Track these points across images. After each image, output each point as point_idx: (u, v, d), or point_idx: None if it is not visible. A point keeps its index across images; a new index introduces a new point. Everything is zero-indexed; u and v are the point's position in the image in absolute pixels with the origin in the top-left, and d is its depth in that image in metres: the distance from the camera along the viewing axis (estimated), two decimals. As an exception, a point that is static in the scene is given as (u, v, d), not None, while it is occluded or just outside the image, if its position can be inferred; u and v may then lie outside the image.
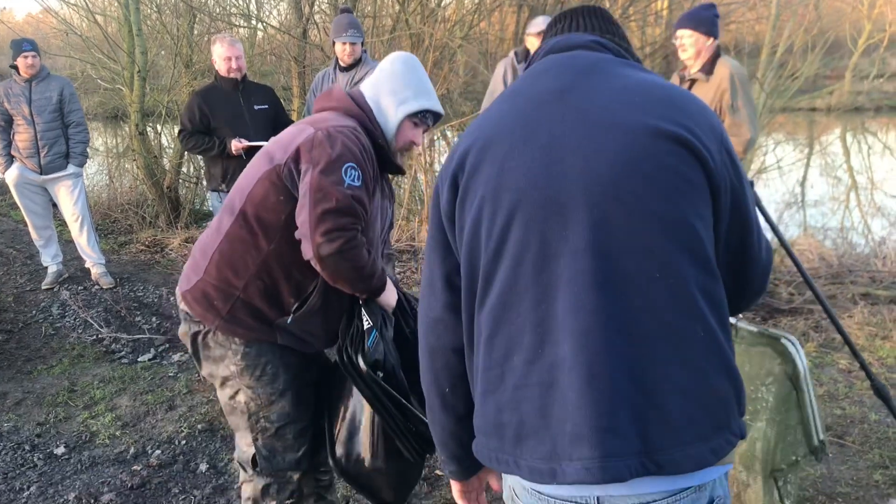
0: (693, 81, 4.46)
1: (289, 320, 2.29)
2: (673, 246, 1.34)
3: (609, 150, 1.36)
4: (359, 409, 2.37)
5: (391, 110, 2.37)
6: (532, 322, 1.41)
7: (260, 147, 4.80)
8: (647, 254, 1.34)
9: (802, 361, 2.34)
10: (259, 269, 2.24)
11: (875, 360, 4.42)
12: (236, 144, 4.93)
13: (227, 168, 5.08)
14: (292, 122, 5.41)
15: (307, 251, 2.13)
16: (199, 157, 6.67)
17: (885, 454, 3.44)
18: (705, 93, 4.41)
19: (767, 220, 2.56)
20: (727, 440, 1.37)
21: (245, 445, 2.42)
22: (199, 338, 2.34)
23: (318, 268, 2.15)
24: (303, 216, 2.12)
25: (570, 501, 1.43)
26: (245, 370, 2.31)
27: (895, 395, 2.50)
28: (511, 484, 1.55)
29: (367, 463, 2.37)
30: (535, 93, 1.48)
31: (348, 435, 2.39)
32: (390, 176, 2.53)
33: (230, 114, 5.05)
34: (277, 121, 5.18)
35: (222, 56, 5.03)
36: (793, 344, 2.36)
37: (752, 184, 1.67)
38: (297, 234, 2.15)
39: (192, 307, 2.32)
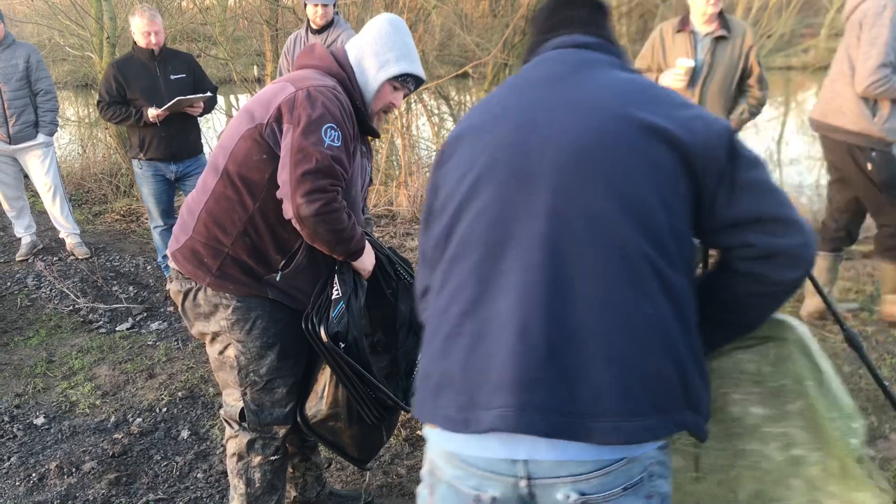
0: (719, 39, 4.39)
1: (277, 277, 2.31)
2: (629, 222, 1.37)
3: (582, 125, 1.43)
4: (328, 373, 2.39)
5: (372, 72, 2.36)
6: (477, 275, 1.43)
7: (176, 105, 4.80)
8: (602, 223, 1.37)
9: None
10: (245, 227, 2.25)
11: (848, 312, 4.48)
12: (151, 113, 4.90)
13: (144, 137, 5.06)
14: (215, 87, 5.37)
15: (288, 211, 2.14)
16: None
17: (857, 405, 3.49)
18: (731, 51, 4.39)
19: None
20: (666, 427, 1.36)
21: (233, 401, 2.44)
22: (191, 295, 2.35)
23: (298, 228, 2.15)
24: (284, 176, 2.13)
25: (495, 472, 1.40)
26: (235, 324, 2.32)
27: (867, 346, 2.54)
28: (432, 457, 1.52)
29: (329, 423, 2.42)
30: (532, 78, 1.58)
31: (316, 394, 2.42)
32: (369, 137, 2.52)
33: (145, 84, 5.01)
34: (197, 89, 5.14)
35: (141, 30, 4.95)
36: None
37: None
38: (279, 194, 2.16)
39: (182, 265, 2.33)
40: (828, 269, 4.40)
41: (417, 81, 2.47)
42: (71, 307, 5.14)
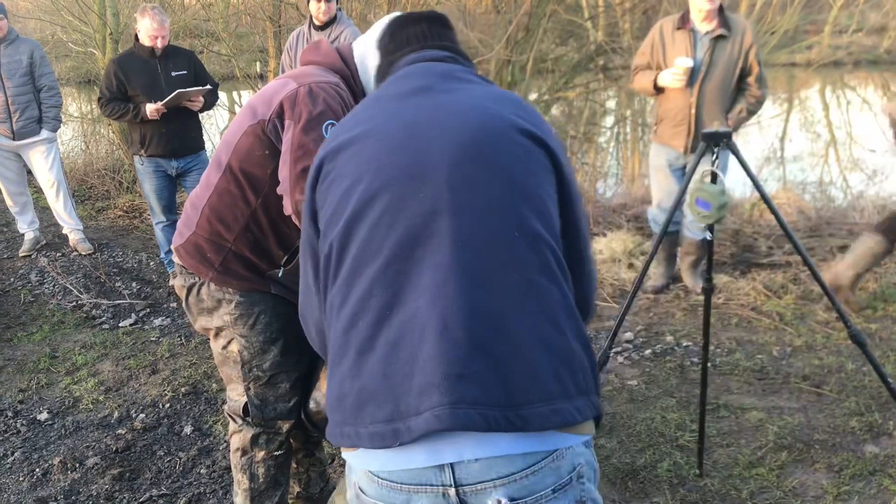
0: (719, 38, 4.38)
1: (279, 273, 2.32)
2: (528, 210, 1.40)
3: (466, 124, 1.45)
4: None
5: (374, 72, 2.34)
6: (383, 282, 1.40)
7: (175, 99, 4.79)
8: (505, 213, 1.39)
9: None
10: (248, 222, 2.26)
11: (852, 311, 4.48)
12: (151, 108, 4.89)
13: (145, 134, 5.06)
14: (216, 83, 5.36)
15: (288, 207, 2.13)
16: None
17: (861, 402, 3.50)
18: (730, 50, 4.40)
19: (748, 173, 2.58)
20: (589, 407, 1.38)
21: (237, 395, 2.44)
22: (194, 290, 2.35)
23: (298, 224, 2.15)
24: (284, 172, 2.13)
25: (422, 484, 1.36)
26: (239, 319, 2.33)
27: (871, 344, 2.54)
28: (356, 480, 1.47)
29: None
30: (398, 91, 1.58)
31: (320, 389, 2.43)
32: None
33: (146, 81, 5.00)
34: (198, 85, 5.12)
35: (149, 32, 4.94)
36: None
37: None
38: (279, 190, 2.16)
39: (185, 261, 2.34)
40: (876, 253, 4.35)
41: None
42: (74, 303, 5.15)
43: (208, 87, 5.06)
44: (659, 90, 4.53)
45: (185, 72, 5.08)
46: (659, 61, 4.52)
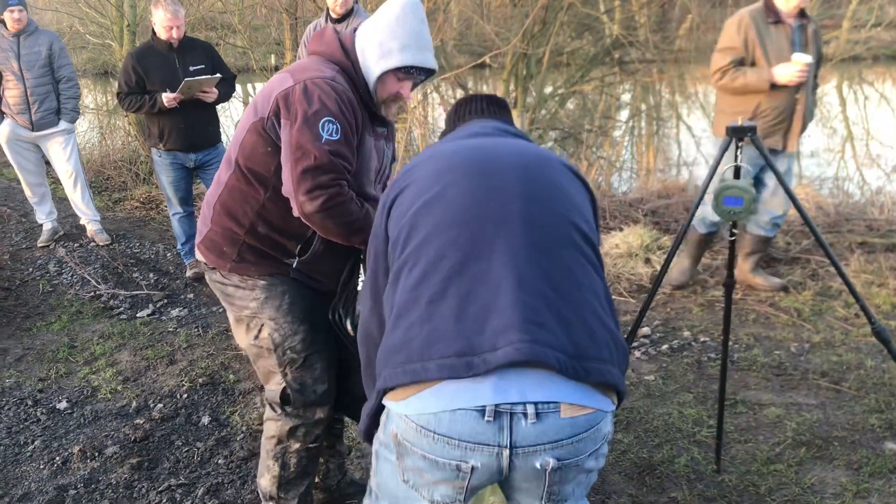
0: (804, 28, 4.31)
1: (294, 264, 2.35)
2: (578, 216, 1.66)
3: (527, 150, 1.76)
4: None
5: (372, 62, 2.26)
6: (455, 247, 1.57)
7: (187, 88, 4.79)
8: (563, 209, 1.64)
9: None
10: (257, 217, 2.29)
11: (871, 307, 4.44)
12: (167, 96, 4.88)
13: (163, 128, 5.05)
14: (234, 76, 5.34)
15: (294, 209, 2.15)
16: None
17: (881, 399, 3.48)
18: (809, 39, 4.33)
19: (772, 167, 2.56)
20: (622, 378, 1.57)
21: (274, 385, 2.46)
22: (220, 284, 2.40)
23: (307, 224, 2.16)
24: (286, 173, 2.14)
25: (479, 443, 1.47)
26: (265, 302, 2.36)
27: (895, 340, 2.52)
28: (396, 430, 1.55)
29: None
30: (462, 135, 1.89)
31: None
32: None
33: (165, 75, 4.98)
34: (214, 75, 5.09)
35: (164, 24, 4.92)
36: None
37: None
38: (284, 191, 2.17)
39: (206, 256, 2.40)
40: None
41: (429, 71, 2.35)
42: (92, 293, 5.18)
43: (218, 75, 5.02)
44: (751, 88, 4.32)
45: (202, 65, 5.07)
46: (757, 57, 4.30)
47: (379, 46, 2.23)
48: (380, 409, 1.65)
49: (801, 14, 4.31)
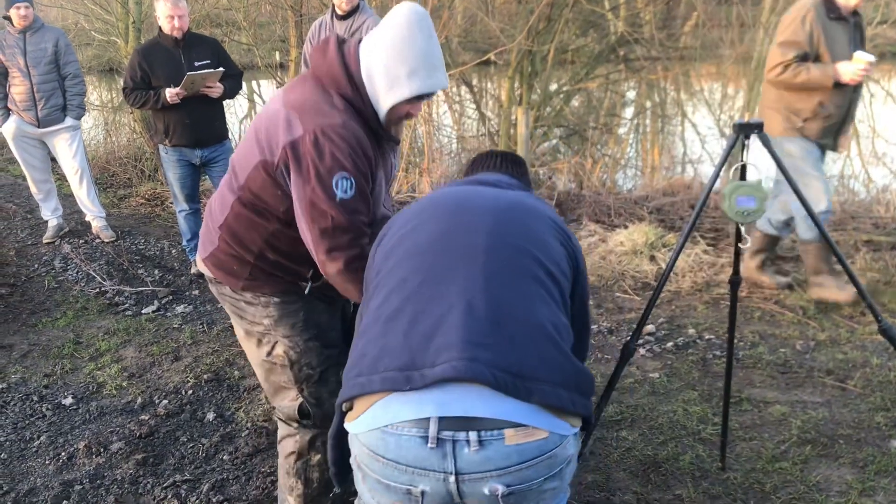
0: (858, 24, 4.25)
1: (307, 287, 2.31)
2: (547, 257, 1.70)
3: (508, 196, 1.86)
4: None
5: (381, 93, 2.11)
6: (419, 271, 1.65)
7: (190, 84, 4.78)
8: (531, 247, 1.69)
9: None
10: (266, 244, 2.24)
11: (877, 304, 4.43)
12: (170, 92, 4.88)
13: (169, 124, 5.04)
14: (240, 72, 5.31)
15: (321, 268, 2.13)
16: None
17: (886, 397, 3.47)
18: (865, 38, 4.29)
19: (779, 165, 2.55)
20: (581, 402, 1.57)
21: (289, 401, 2.41)
22: (231, 298, 2.35)
23: (327, 277, 2.15)
24: (303, 228, 2.09)
25: (425, 469, 1.50)
26: (280, 320, 2.31)
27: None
28: (358, 454, 1.61)
29: None
30: (461, 185, 2.01)
31: None
32: None
33: (170, 71, 4.96)
34: (223, 74, 5.10)
35: (165, 14, 4.90)
36: None
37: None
38: (305, 242, 2.13)
39: (214, 273, 2.34)
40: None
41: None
42: (97, 290, 5.19)
43: (221, 69, 5.00)
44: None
45: (208, 61, 5.07)
46: (822, 53, 4.17)
47: (386, 73, 2.08)
48: (341, 431, 1.70)
49: (855, 11, 4.22)
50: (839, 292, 4.46)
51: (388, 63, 2.07)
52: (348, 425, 1.62)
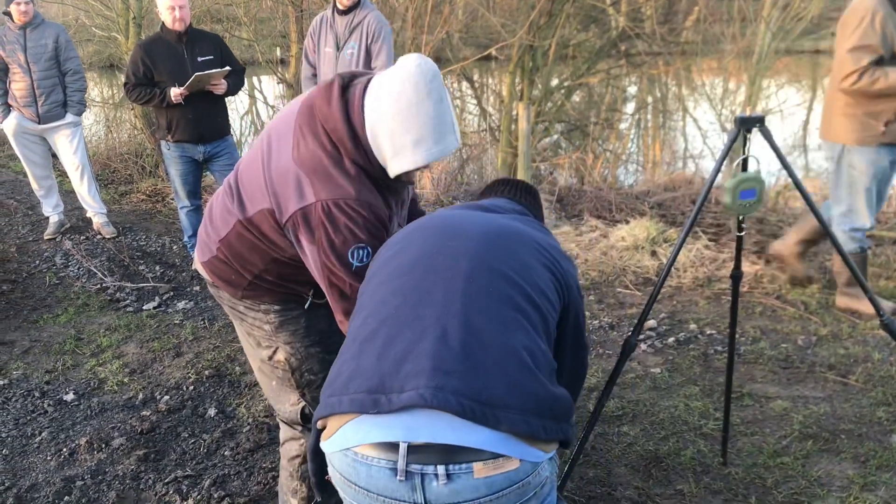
0: None
1: (307, 304, 2.29)
2: (531, 285, 1.68)
3: (499, 222, 1.85)
4: None
5: (386, 159, 1.98)
6: (398, 294, 1.66)
7: (196, 83, 4.77)
8: (514, 274, 1.68)
9: None
10: (266, 268, 2.19)
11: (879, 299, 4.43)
12: (174, 92, 4.87)
13: (171, 120, 5.04)
14: (242, 68, 5.30)
15: (340, 324, 2.11)
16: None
17: (888, 392, 3.46)
18: None
19: (781, 159, 2.54)
20: (557, 428, 1.55)
21: (290, 406, 2.40)
22: (230, 302, 2.32)
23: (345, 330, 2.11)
24: (321, 285, 2.05)
25: (396, 499, 1.51)
26: (280, 327, 2.29)
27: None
28: (331, 473, 1.65)
29: None
30: (463, 207, 2.02)
31: None
32: None
33: (173, 66, 4.96)
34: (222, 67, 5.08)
35: (166, 6, 4.89)
36: None
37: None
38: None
39: (213, 279, 2.30)
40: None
41: None
42: (98, 286, 5.19)
43: (227, 68, 5.01)
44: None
45: (211, 57, 5.06)
46: (893, 49, 3.92)
47: (391, 141, 1.94)
48: (318, 449, 1.71)
49: None
50: (870, 305, 4.31)
51: (394, 130, 1.92)
52: (323, 444, 1.63)
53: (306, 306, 2.30)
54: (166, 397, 3.71)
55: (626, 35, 10.46)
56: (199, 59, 5.00)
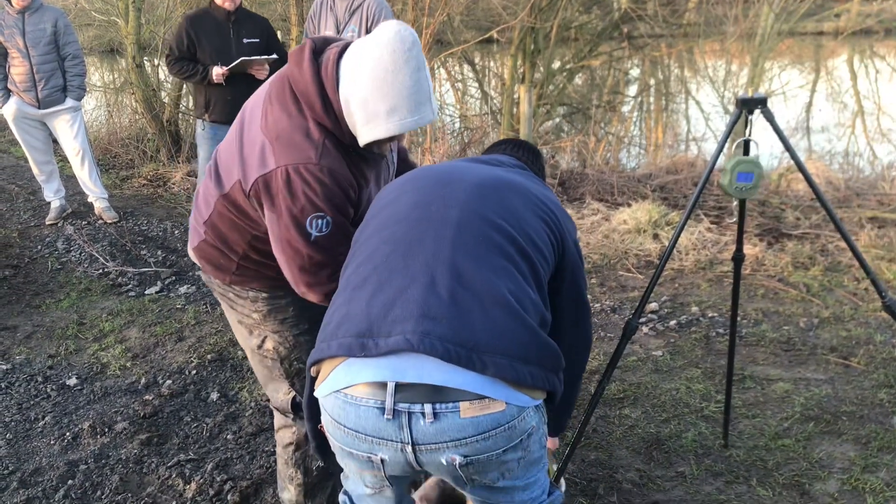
0: None
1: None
2: (524, 235, 1.69)
3: (496, 175, 1.84)
4: None
5: (358, 124, 1.91)
6: (390, 242, 1.68)
7: (240, 65, 4.74)
8: (506, 223, 1.69)
9: None
10: (249, 246, 2.18)
11: (882, 281, 4.42)
12: (216, 71, 4.84)
13: (210, 98, 5.00)
14: (285, 53, 5.27)
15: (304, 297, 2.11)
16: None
17: (889, 374, 3.46)
18: None
19: (783, 142, 2.52)
20: (543, 379, 1.58)
21: (282, 395, 2.40)
22: (220, 289, 2.32)
23: (316, 300, 2.11)
24: (280, 261, 2.04)
25: (383, 438, 1.55)
26: (268, 315, 2.29)
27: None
28: (323, 421, 1.69)
29: None
30: (454, 162, 2.00)
31: None
32: None
33: (217, 44, 4.91)
34: (269, 53, 5.05)
35: None
36: None
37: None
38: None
39: (203, 265, 2.31)
40: None
41: None
42: (100, 271, 5.20)
43: (274, 56, 4.95)
44: None
45: (257, 39, 5.00)
46: None
47: (364, 108, 1.87)
48: (313, 398, 1.73)
49: None
50: None
51: (367, 97, 1.85)
52: (317, 391, 1.67)
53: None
54: (169, 381, 3.72)
55: (628, 17, 10.38)
56: (245, 40, 4.94)
